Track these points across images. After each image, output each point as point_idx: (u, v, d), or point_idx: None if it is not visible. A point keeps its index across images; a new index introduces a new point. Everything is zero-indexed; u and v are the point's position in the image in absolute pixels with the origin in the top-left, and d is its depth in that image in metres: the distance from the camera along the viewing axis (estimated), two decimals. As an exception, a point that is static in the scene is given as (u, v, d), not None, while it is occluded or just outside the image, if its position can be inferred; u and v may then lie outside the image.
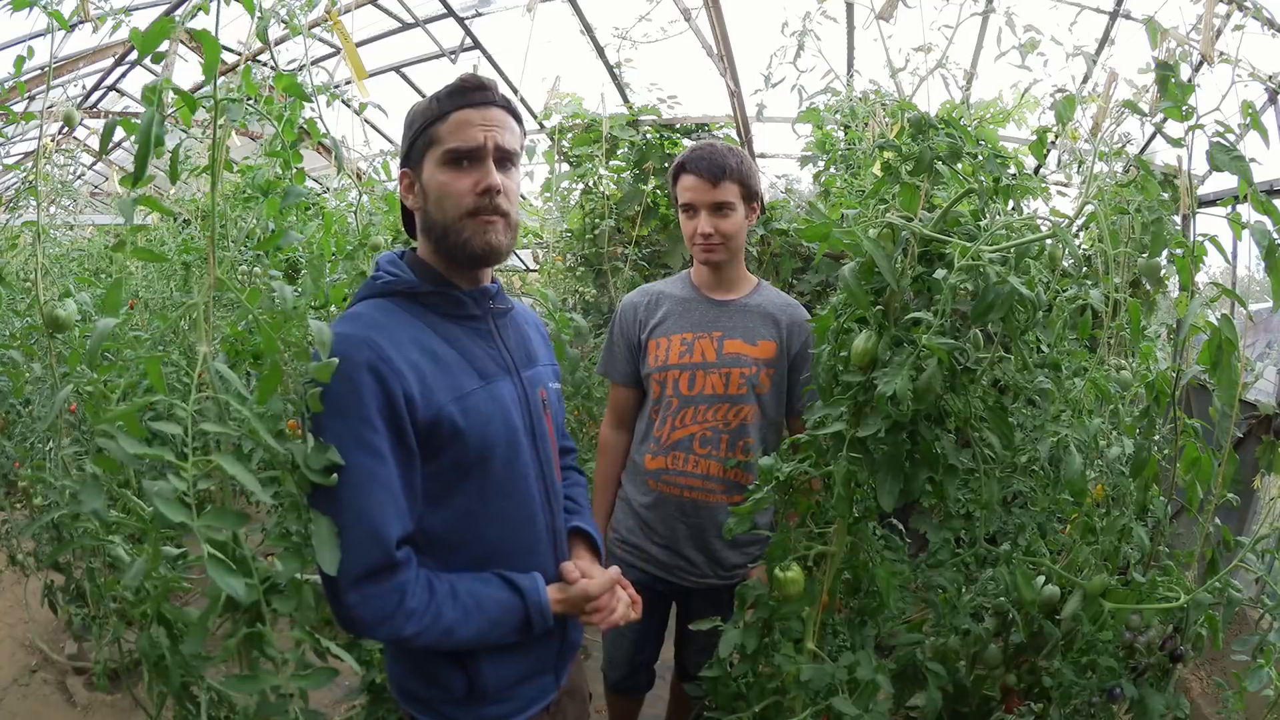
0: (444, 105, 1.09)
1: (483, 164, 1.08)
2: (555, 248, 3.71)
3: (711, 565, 1.81)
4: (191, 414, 0.87)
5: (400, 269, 1.13)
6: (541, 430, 1.20)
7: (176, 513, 0.83)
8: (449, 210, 1.08)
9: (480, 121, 1.08)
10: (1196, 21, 1.92)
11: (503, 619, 1.08)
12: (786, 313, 1.80)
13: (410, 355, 1.04)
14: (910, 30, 7.75)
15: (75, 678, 2.67)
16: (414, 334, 1.07)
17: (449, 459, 1.07)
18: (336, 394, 0.99)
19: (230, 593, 0.84)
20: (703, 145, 1.75)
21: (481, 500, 1.10)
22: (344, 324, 1.05)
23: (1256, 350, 2.59)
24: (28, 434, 2.09)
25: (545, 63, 6.94)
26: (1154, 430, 1.52)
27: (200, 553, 0.89)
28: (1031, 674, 1.58)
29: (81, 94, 4.66)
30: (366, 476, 0.99)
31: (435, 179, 1.09)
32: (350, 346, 1.00)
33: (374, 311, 1.08)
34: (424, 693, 1.14)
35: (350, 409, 0.99)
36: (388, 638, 1.02)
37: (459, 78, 1.11)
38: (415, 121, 1.12)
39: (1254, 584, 1.56)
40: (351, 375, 0.99)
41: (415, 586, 1.02)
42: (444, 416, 1.04)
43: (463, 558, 1.10)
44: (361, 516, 0.98)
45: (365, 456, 0.99)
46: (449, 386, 1.06)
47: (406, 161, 1.14)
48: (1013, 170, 2.84)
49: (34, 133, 2.67)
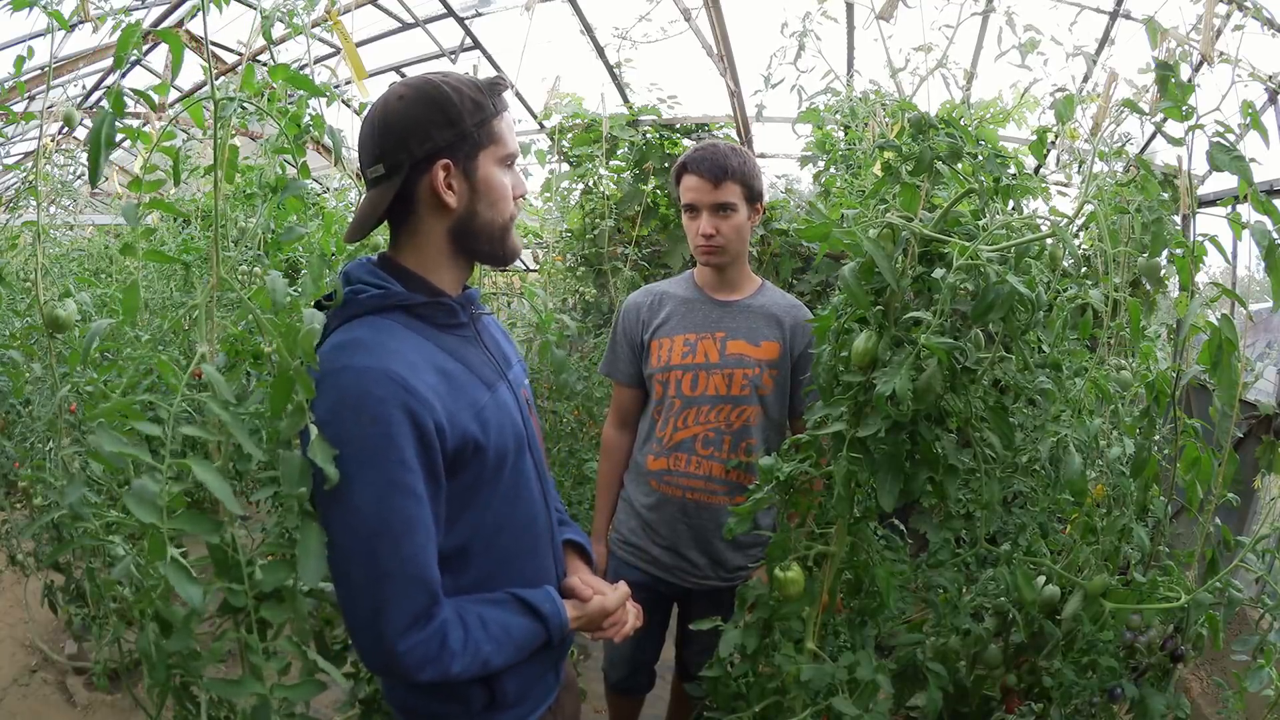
0: (496, 104, 1.05)
1: (514, 169, 1.08)
2: (555, 248, 3.71)
3: (713, 567, 1.81)
4: (174, 415, 0.84)
5: (384, 279, 1.03)
6: (532, 430, 1.18)
7: (147, 513, 0.81)
8: (503, 213, 1.06)
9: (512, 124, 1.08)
10: (1196, 21, 1.92)
11: (527, 643, 1.07)
12: (790, 313, 1.80)
13: (429, 379, 0.97)
14: (910, 30, 7.75)
15: (75, 678, 2.67)
16: (422, 353, 1.00)
17: (469, 478, 1.02)
18: (368, 438, 0.91)
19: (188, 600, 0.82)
20: (705, 145, 1.74)
21: (491, 510, 1.07)
22: (351, 356, 0.95)
23: (1256, 350, 2.59)
24: (28, 434, 2.09)
25: (545, 63, 6.95)
26: (1154, 430, 1.52)
27: (200, 553, 0.89)
28: (1032, 674, 1.58)
29: (81, 94, 4.66)
30: (407, 523, 0.93)
31: (497, 179, 1.05)
32: (373, 383, 0.92)
33: (377, 335, 0.98)
34: (438, 708, 1.09)
35: (385, 454, 0.91)
36: (433, 679, 0.97)
37: (491, 78, 1.07)
38: (469, 111, 1.01)
39: (1254, 584, 1.56)
40: (381, 417, 0.91)
41: (452, 626, 0.98)
42: (469, 437, 1.00)
43: (473, 569, 1.07)
44: (407, 563, 0.93)
45: (404, 500, 0.92)
46: (467, 403, 1.01)
47: (449, 152, 1.01)
48: (1013, 170, 2.84)
49: (34, 133, 2.67)
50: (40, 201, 1.53)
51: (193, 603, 0.83)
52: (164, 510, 0.82)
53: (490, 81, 1.06)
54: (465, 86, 1.03)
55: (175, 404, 0.86)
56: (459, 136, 1.01)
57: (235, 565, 0.91)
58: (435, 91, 1.01)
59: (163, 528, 0.82)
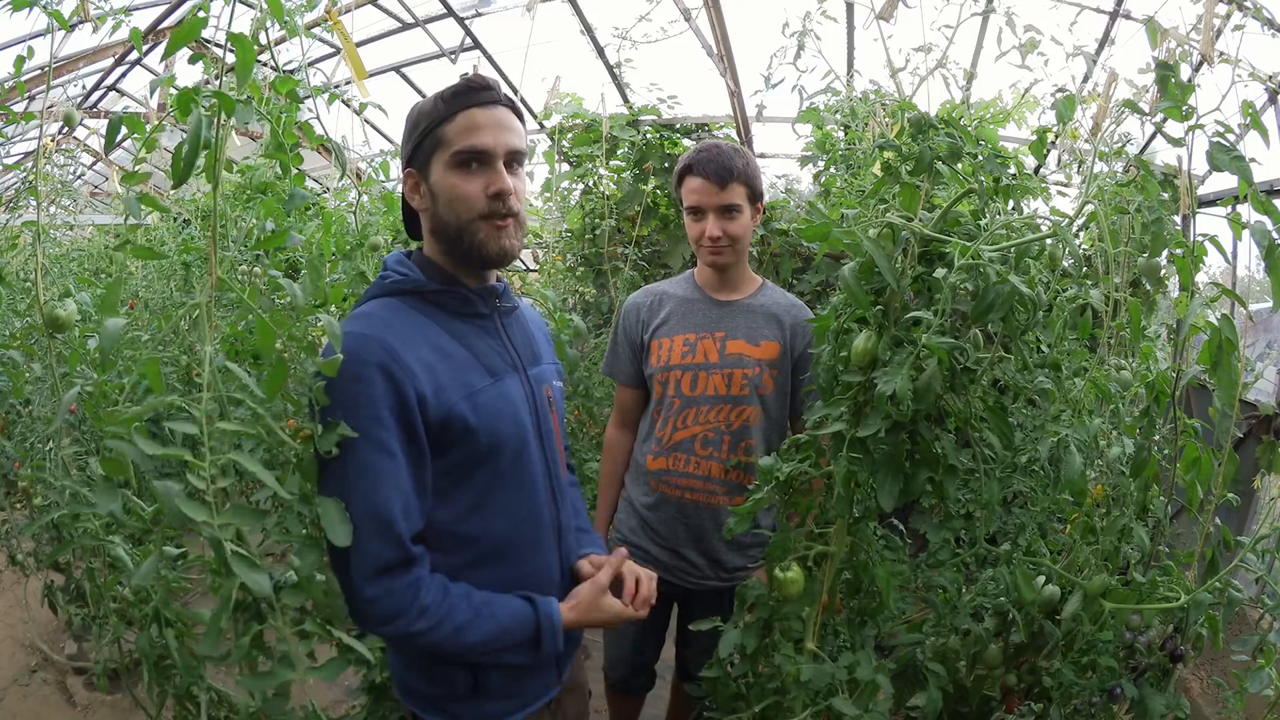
0: (451, 105, 1.08)
1: (493, 167, 1.08)
2: (555, 248, 3.71)
3: (713, 567, 1.81)
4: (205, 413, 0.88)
5: (408, 268, 1.13)
6: (548, 428, 1.21)
7: (197, 511, 0.84)
8: (461, 213, 1.09)
9: (488, 122, 1.08)
10: (1196, 21, 1.92)
11: (512, 625, 1.08)
12: (790, 313, 1.79)
13: (421, 353, 1.05)
14: (910, 30, 7.76)
15: (75, 678, 2.68)
16: (424, 332, 1.08)
17: (459, 455, 1.08)
18: (347, 392, 0.99)
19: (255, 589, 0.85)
20: (708, 146, 1.73)
21: (489, 493, 1.11)
22: (355, 323, 1.05)
23: (1256, 350, 2.59)
24: (28, 434, 2.09)
25: (545, 63, 6.95)
26: (1154, 430, 1.52)
27: (201, 552, 0.89)
28: (1031, 674, 1.58)
29: (81, 94, 4.66)
30: (376, 473, 0.99)
31: (446, 181, 1.09)
32: (361, 346, 1.01)
33: (383, 311, 1.09)
34: (428, 689, 1.14)
35: (360, 406, 0.99)
36: (399, 633, 1.02)
37: (463, 78, 1.11)
38: (420, 121, 1.11)
39: (1254, 584, 1.56)
40: (362, 374, 1.00)
41: (430, 583, 1.03)
42: (455, 414, 1.05)
43: (470, 552, 1.11)
44: (372, 511, 0.99)
45: (375, 453, 0.99)
46: (460, 384, 1.07)
47: (411, 162, 1.13)
48: (1013, 170, 2.85)
49: (34, 133, 2.67)
50: (40, 201, 1.53)
51: (260, 590, 0.85)
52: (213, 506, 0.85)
53: (456, 86, 1.09)
54: (432, 97, 1.11)
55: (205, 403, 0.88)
56: (415, 147, 1.11)
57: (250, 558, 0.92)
58: (414, 107, 1.13)
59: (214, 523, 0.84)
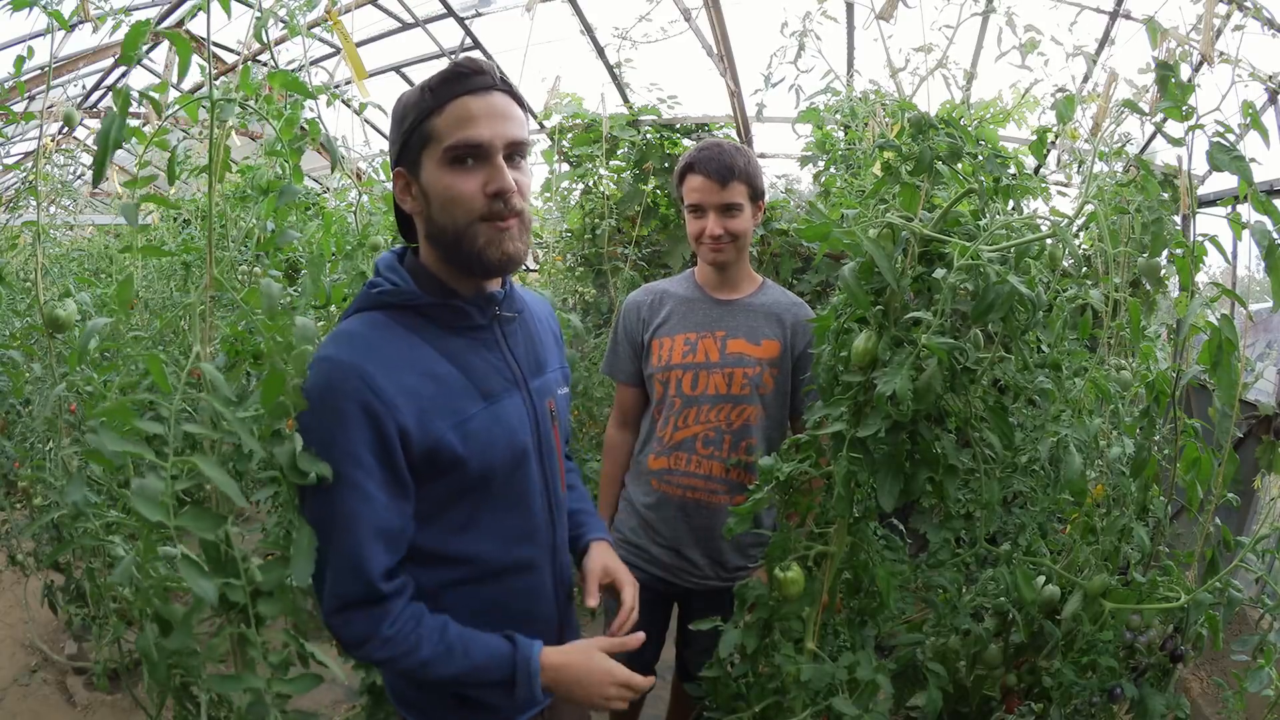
0: (439, 95, 0.96)
1: (491, 162, 0.97)
2: (555, 248, 3.72)
3: (714, 567, 1.81)
4: (175, 413, 0.86)
5: (400, 277, 1.02)
6: (549, 445, 1.14)
7: (154, 511, 0.82)
8: (458, 216, 0.97)
9: (483, 112, 0.96)
10: (1196, 21, 1.92)
11: (487, 665, 1.01)
12: (791, 312, 1.79)
13: (406, 380, 0.96)
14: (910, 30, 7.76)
15: (75, 678, 2.67)
16: (412, 354, 0.99)
17: (447, 484, 1.02)
18: (322, 427, 0.93)
19: (201, 594, 0.84)
20: (709, 145, 1.73)
21: (478, 514, 1.06)
22: (333, 345, 0.97)
23: (1256, 350, 2.59)
24: (28, 434, 2.09)
25: (545, 63, 6.94)
26: (1154, 430, 1.52)
27: (196, 552, 0.89)
28: (1032, 674, 1.58)
29: (81, 94, 4.66)
30: (348, 516, 0.94)
31: (439, 181, 0.97)
32: (339, 376, 0.93)
33: (367, 329, 0.99)
34: (417, 698, 1.11)
35: (336, 444, 0.93)
36: (365, 658, 0.99)
37: (453, 61, 0.98)
38: (407, 115, 0.99)
39: (1254, 584, 1.56)
40: (338, 407, 0.93)
41: (401, 614, 0.98)
42: (443, 445, 0.98)
43: (458, 571, 1.06)
44: (344, 555, 0.95)
45: (349, 495, 0.94)
46: (449, 411, 0.99)
47: (400, 160, 1.01)
48: (1013, 170, 2.84)
49: (34, 133, 2.67)
50: (40, 201, 1.53)
51: (206, 597, 0.85)
52: (170, 508, 0.84)
53: (444, 72, 0.98)
54: (417, 88, 1.00)
55: (175, 402, 0.87)
56: (402, 144, 1.00)
57: (231, 561, 0.92)
58: (399, 99, 1.02)
59: (170, 524, 0.83)
